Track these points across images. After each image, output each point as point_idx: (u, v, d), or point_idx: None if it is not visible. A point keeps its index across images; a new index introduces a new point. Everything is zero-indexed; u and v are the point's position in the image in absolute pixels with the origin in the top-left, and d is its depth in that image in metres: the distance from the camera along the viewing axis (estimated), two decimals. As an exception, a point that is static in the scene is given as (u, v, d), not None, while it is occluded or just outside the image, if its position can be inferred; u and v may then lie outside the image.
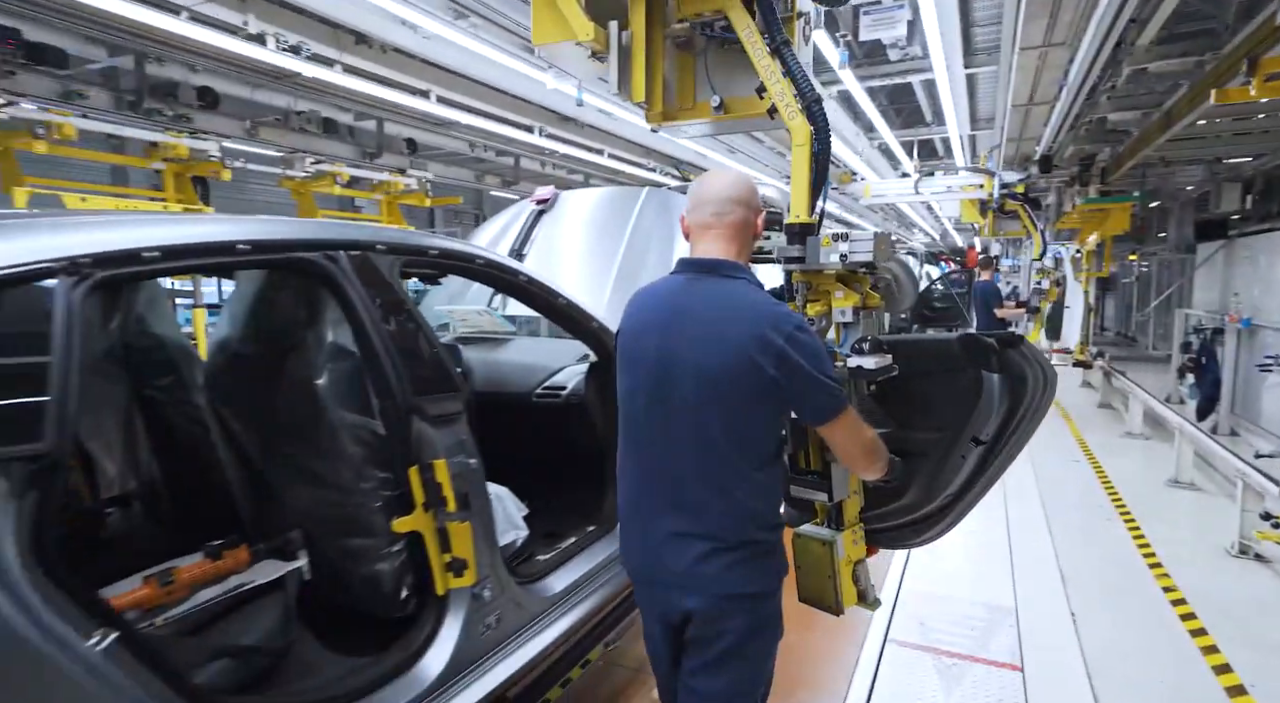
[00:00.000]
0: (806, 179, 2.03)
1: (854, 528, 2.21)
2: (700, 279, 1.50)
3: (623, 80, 2.26)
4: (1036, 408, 2.35)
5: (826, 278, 2.08)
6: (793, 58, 2.05)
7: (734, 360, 1.40)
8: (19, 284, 1.13)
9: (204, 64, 6.05)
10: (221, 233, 1.48)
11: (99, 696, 1.06)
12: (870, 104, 7.82)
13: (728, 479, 1.45)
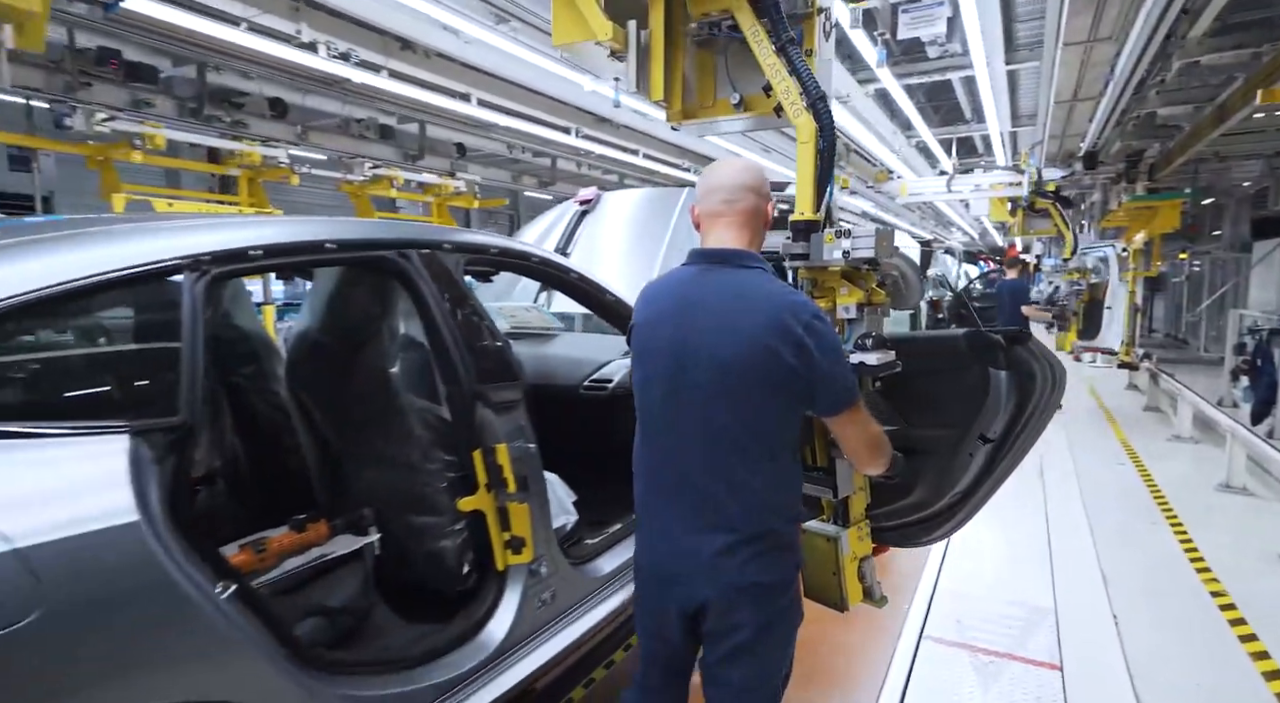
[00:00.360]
0: (812, 176, 2.04)
1: (860, 525, 2.21)
2: (712, 270, 1.48)
3: (641, 79, 2.26)
4: (1045, 406, 2.33)
5: (831, 274, 2.08)
6: (798, 55, 2.04)
7: (749, 350, 1.37)
8: (154, 279, 1.29)
9: (258, 72, 6.31)
10: (312, 233, 1.62)
11: (228, 635, 1.21)
12: (908, 102, 7.75)
13: (742, 471, 1.43)
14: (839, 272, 2.06)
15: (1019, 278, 8.12)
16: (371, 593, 1.90)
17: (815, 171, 2.05)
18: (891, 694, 2.67)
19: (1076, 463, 5.64)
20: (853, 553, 2.16)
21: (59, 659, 1.01)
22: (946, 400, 2.38)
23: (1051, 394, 2.31)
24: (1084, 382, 9.93)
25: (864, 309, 2.07)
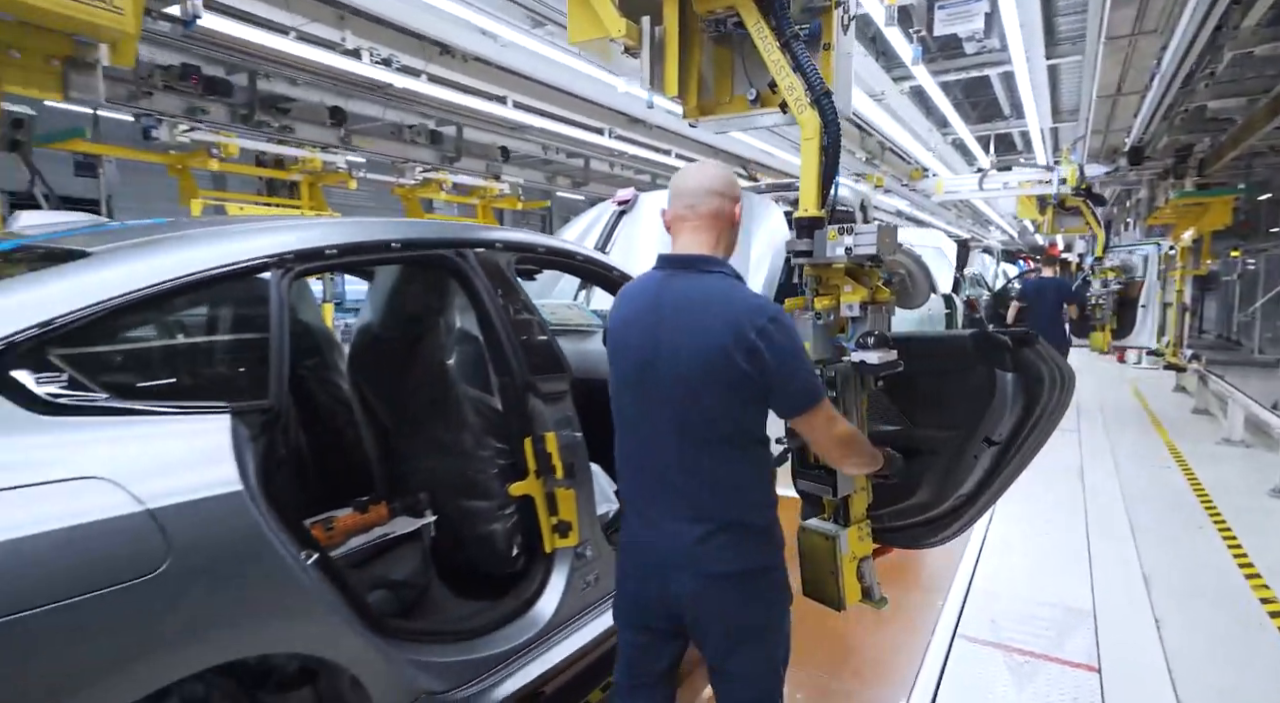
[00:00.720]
0: (816, 172, 2.03)
1: (860, 525, 2.19)
2: (677, 275, 1.50)
3: (655, 75, 2.25)
4: (1053, 409, 2.31)
5: (835, 272, 2.06)
6: (801, 51, 2.02)
7: (705, 354, 1.40)
8: (247, 275, 1.43)
9: (305, 78, 6.54)
10: (379, 233, 1.74)
11: (312, 597, 1.34)
12: (944, 99, 7.65)
13: (711, 464, 1.46)
14: (843, 269, 2.04)
15: (1058, 276, 7.95)
16: (430, 570, 2.02)
17: (819, 168, 2.04)
18: (924, 691, 2.68)
19: (1119, 466, 5.51)
20: (852, 553, 2.14)
21: (183, 605, 1.15)
22: (951, 401, 2.36)
23: (1060, 398, 2.28)
24: (1128, 383, 9.65)
25: (868, 307, 2.05)
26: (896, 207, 14.48)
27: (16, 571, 0.98)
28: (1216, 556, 3.93)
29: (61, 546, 1.03)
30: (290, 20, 5.17)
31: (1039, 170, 8.08)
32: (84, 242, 1.41)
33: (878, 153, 9.46)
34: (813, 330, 2.02)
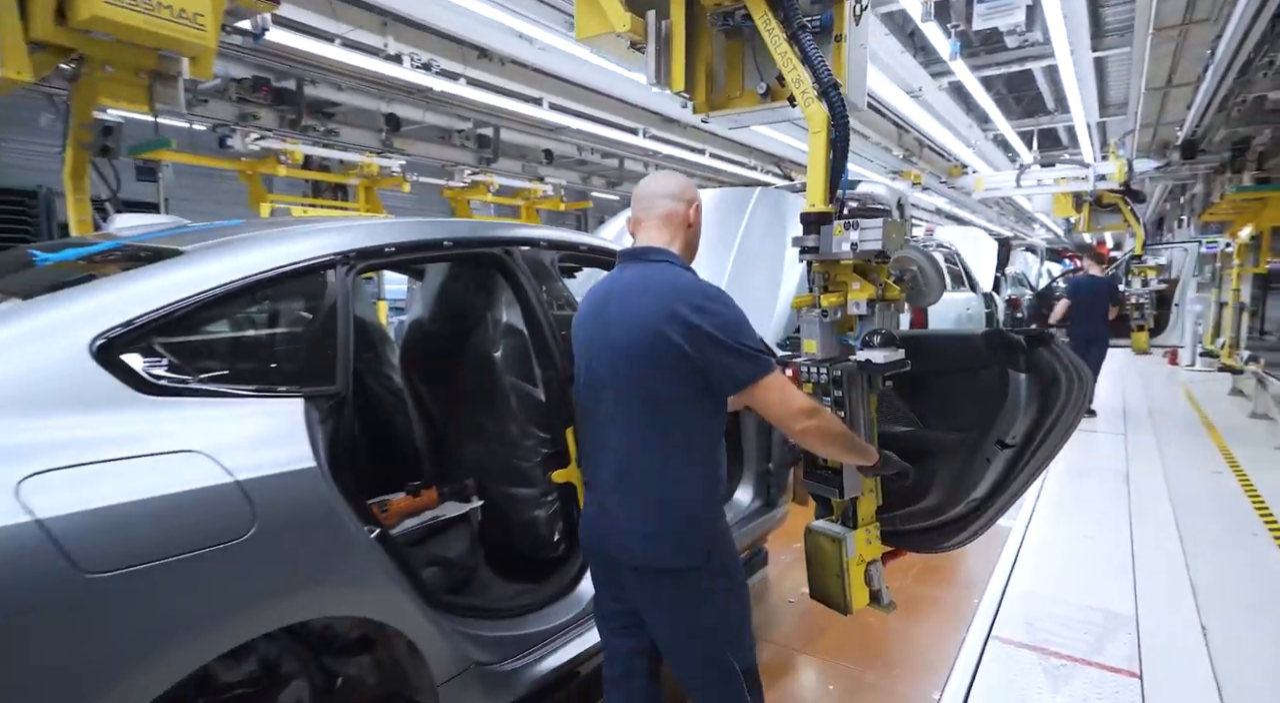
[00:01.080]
0: (824, 167, 1.99)
1: (868, 527, 2.14)
2: (628, 266, 1.56)
3: (661, 70, 2.22)
4: (1070, 411, 2.24)
5: (843, 268, 2.02)
6: (809, 43, 1.98)
7: (641, 336, 1.42)
8: (316, 271, 1.56)
9: (349, 83, 6.75)
10: (432, 233, 1.86)
11: (375, 567, 1.44)
12: (984, 94, 7.49)
13: (654, 454, 1.46)
14: (850, 265, 2.01)
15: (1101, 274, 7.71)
16: (478, 552, 2.13)
17: (827, 162, 1.99)
18: (957, 688, 2.66)
19: (1168, 470, 5.34)
20: (859, 556, 2.10)
21: (266, 568, 1.27)
22: (963, 403, 2.31)
23: (1077, 399, 2.22)
24: (1180, 386, 9.30)
25: (875, 305, 1.99)
26: (935, 204, 14.20)
27: (129, 530, 1.11)
28: (1271, 565, 3.79)
29: (167, 510, 1.15)
30: (336, 28, 5.35)
31: (1075, 166, 7.81)
32: (176, 242, 1.55)
33: (915, 150, 9.31)
34: (819, 329, 1.98)
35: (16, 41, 2.38)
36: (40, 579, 1.01)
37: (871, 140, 8.47)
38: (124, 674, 1.10)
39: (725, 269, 3.50)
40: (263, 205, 6.68)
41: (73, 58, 2.59)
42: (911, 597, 3.42)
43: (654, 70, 2.21)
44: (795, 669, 2.85)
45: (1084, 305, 6.99)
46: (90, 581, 1.05)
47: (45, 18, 2.41)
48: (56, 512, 1.04)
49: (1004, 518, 4.41)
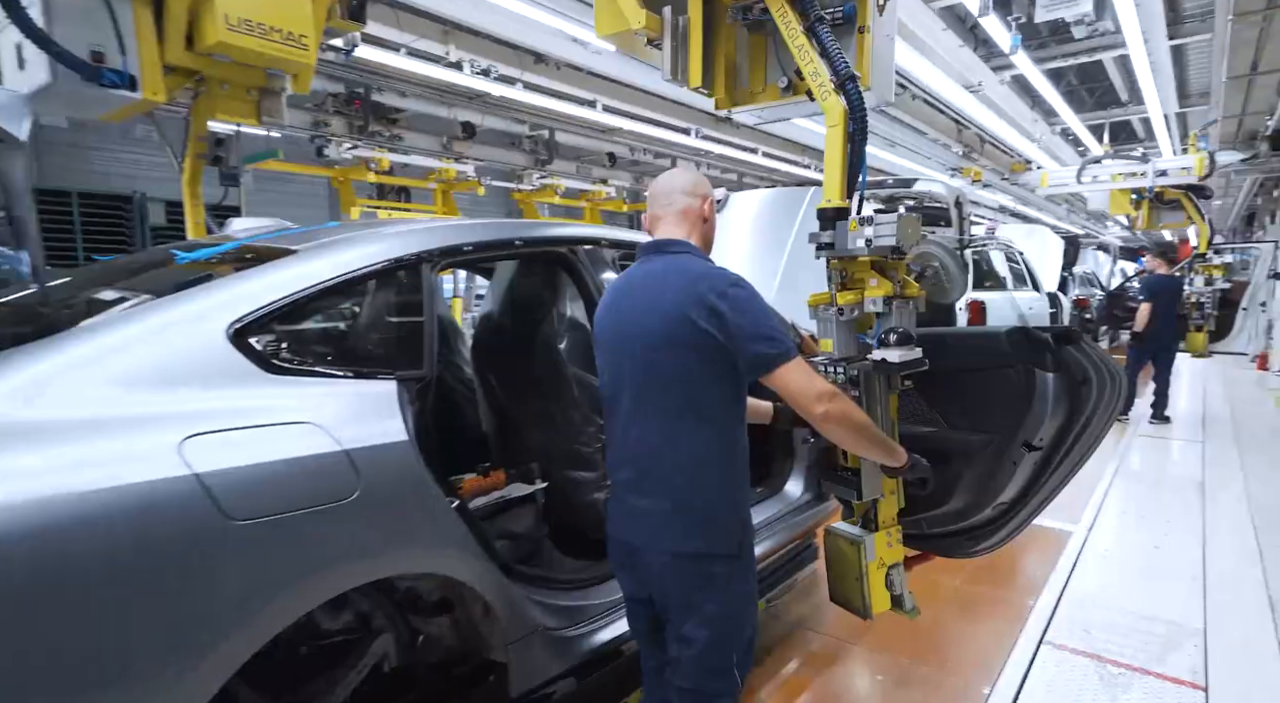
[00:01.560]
0: (841, 161, 1.94)
1: (889, 530, 2.08)
2: (650, 259, 1.60)
3: (678, 66, 2.20)
4: (1102, 412, 2.15)
5: (861, 265, 1.96)
6: (827, 35, 1.94)
7: (665, 323, 1.45)
8: (406, 268, 1.73)
9: (411, 90, 7.05)
10: (505, 233, 2.02)
11: (456, 533, 1.60)
12: (1049, 87, 7.21)
13: (683, 440, 1.49)
14: (868, 262, 1.95)
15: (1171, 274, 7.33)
16: (543, 529, 2.27)
17: (844, 156, 1.94)
18: (1007, 688, 2.63)
19: (1248, 481, 5.04)
20: (880, 559, 2.05)
21: (368, 526, 1.43)
22: (987, 403, 2.24)
23: (1108, 400, 2.12)
24: (1269, 394, 8.72)
25: (893, 302, 1.94)
26: (999, 202, 13.71)
27: (263, 487, 1.29)
28: (1360, 582, 3.55)
29: (292, 472, 1.33)
30: (401, 38, 5.61)
31: (1132, 161, 7.40)
32: (287, 242, 1.75)
33: (976, 146, 9.03)
34: (835, 327, 1.93)
35: (154, 66, 2.67)
36: (198, 522, 1.20)
37: (929, 137, 8.28)
38: (259, 609, 1.27)
39: (778, 269, 3.52)
40: (352, 210, 7.25)
41: (196, 79, 2.88)
42: (964, 595, 3.39)
43: (670, 66, 2.20)
44: (843, 659, 2.87)
45: (1159, 306, 6.64)
46: (235, 526, 1.23)
47: (177, 44, 2.70)
48: (209, 468, 1.22)
49: (1062, 522, 4.34)
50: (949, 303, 2.31)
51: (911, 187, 5.86)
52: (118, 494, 1.12)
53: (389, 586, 1.68)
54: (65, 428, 1.15)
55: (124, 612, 1.11)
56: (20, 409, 1.14)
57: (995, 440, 2.24)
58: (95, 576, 1.08)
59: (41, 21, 2.42)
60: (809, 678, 2.75)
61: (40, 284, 1.32)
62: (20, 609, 1.01)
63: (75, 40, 2.46)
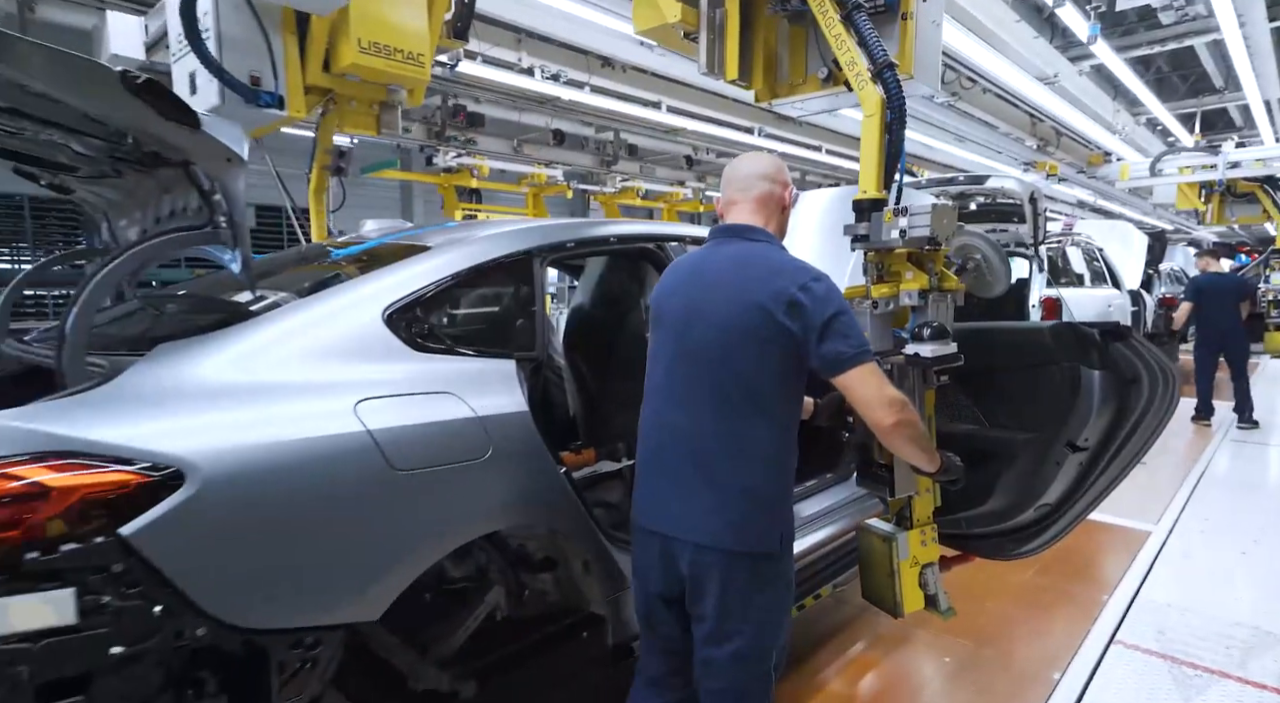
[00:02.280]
0: (878, 151, 1.90)
1: (924, 528, 2.03)
2: (725, 243, 1.56)
3: (715, 59, 2.22)
4: (1154, 412, 2.06)
5: (897, 257, 1.91)
6: (864, 22, 1.91)
7: (744, 311, 1.43)
8: (520, 261, 1.93)
9: (485, 96, 7.38)
10: (601, 231, 2.24)
11: (569, 496, 1.79)
12: (1132, 76, 6.88)
13: (738, 432, 1.45)
14: (904, 254, 1.90)
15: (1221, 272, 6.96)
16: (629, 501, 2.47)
17: (881, 147, 1.90)
18: (1074, 681, 2.62)
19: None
20: (913, 557, 2.01)
21: (497, 482, 1.63)
22: (1030, 401, 2.17)
23: (1161, 399, 2.03)
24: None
25: (929, 296, 1.88)
26: (1077, 196, 13.10)
27: (418, 443, 1.50)
28: None
29: (439, 432, 1.55)
30: (477, 46, 5.90)
31: (1201, 154, 6.96)
32: (420, 239, 1.99)
33: (1052, 139, 8.69)
34: (870, 321, 1.89)
35: (297, 88, 3.01)
36: (367, 473, 1.42)
37: (1000, 131, 8.04)
38: (414, 546, 1.49)
39: (848, 262, 3.56)
40: (456, 213, 7.85)
41: (327, 97, 3.21)
42: (1035, 588, 3.40)
43: (706, 59, 2.21)
44: (911, 642, 2.93)
45: (1212, 305, 6.40)
46: (398, 474, 1.45)
47: (316, 66, 3.04)
48: (377, 426, 1.44)
49: (1140, 522, 4.23)
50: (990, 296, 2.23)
51: (984, 184, 5.73)
52: (316, 443, 1.37)
53: (502, 542, 1.88)
54: (272, 389, 1.41)
55: (326, 531, 1.37)
56: (240, 375, 1.40)
57: (1037, 440, 2.18)
58: (302, 504, 1.33)
59: (214, 52, 2.77)
60: (877, 658, 2.82)
61: (248, 278, 1.57)
62: (250, 524, 1.27)
63: (238, 67, 2.79)
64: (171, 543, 1.17)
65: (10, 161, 1.81)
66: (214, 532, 1.23)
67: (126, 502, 1.14)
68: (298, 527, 1.33)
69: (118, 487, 1.14)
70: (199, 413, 1.31)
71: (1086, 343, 2.08)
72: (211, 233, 1.51)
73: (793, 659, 2.72)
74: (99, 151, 1.65)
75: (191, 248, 1.57)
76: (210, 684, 1.27)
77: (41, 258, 6.82)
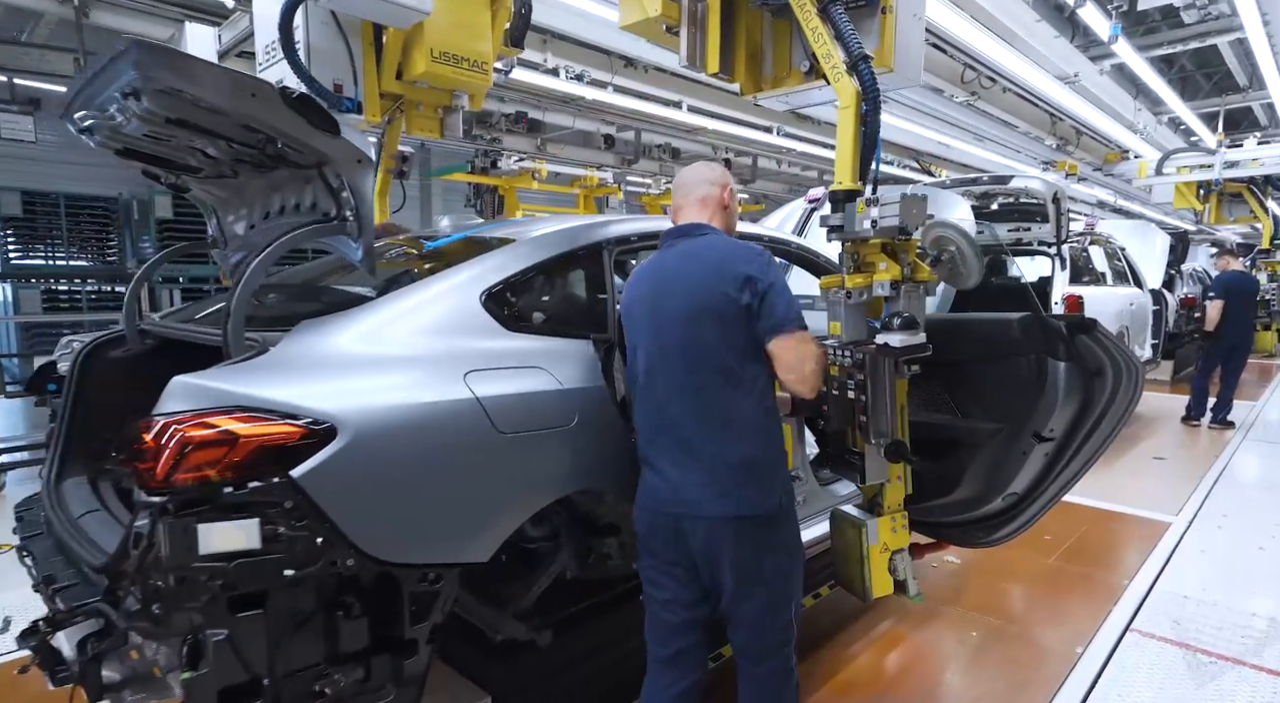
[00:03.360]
0: (853, 143, 1.94)
1: (894, 515, 2.10)
2: (676, 243, 1.73)
3: (696, 53, 2.25)
4: (1119, 403, 2.11)
5: (871, 248, 1.95)
6: (840, 15, 1.96)
7: (706, 298, 1.58)
8: (593, 252, 2.13)
9: (510, 96, 7.51)
10: (660, 225, 2.33)
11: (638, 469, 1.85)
12: (1153, 75, 6.87)
13: (721, 411, 1.59)
14: (879, 244, 1.95)
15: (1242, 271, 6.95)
16: None
17: (856, 138, 1.94)
18: (1092, 657, 2.73)
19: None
20: (882, 543, 2.07)
21: (581, 446, 1.82)
22: (997, 391, 2.24)
23: (1125, 391, 2.09)
24: None
25: (901, 287, 1.93)
26: (1098, 197, 13.01)
27: (517, 410, 1.71)
28: None
29: (533, 401, 1.76)
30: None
31: (1199, 153, 6.94)
32: (502, 233, 2.18)
33: (1072, 138, 8.67)
34: (844, 311, 1.94)
35: (373, 94, 3.19)
36: (478, 434, 1.63)
37: (1019, 129, 8.03)
38: (514, 499, 1.71)
39: None
40: (518, 214, 8.22)
41: (398, 102, 3.38)
42: (1057, 573, 3.53)
43: (687, 52, 2.26)
44: (939, 617, 3.06)
45: (1236, 305, 6.51)
46: (503, 436, 1.66)
47: (390, 74, 3.22)
48: (483, 394, 1.65)
49: (1159, 514, 4.29)
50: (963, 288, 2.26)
51: (1008, 184, 5.78)
52: (436, 407, 1.58)
53: (573, 506, 2.04)
54: (395, 360, 1.63)
55: (446, 482, 1.59)
56: (368, 347, 1.63)
57: (1004, 430, 2.25)
58: (426, 458, 1.56)
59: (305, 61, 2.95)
60: (904, 632, 2.94)
61: (370, 265, 1.73)
62: (386, 473, 1.48)
63: (323, 76, 2.96)
64: (329, 485, 1.39)
65: (141, 163, 2.01)
66: (360, 478, 1.44)
67: (294, 450, 1.37)
68: (423, 477, 1.54)
69: (288, 437, 1.37)
70: (342, 378, 1.53)
71: (1052, 335, 2.14)
72: (340, 225, 1.72)
73: (825, 633, 2.86)
74: (227, 155, 1.86)
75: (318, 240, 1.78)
76: (355, 608, 1.47)
77: (74, 253, 7.02)
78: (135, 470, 1.34)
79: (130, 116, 1.60)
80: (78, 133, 1.83)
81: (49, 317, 6.72)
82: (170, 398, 1.39)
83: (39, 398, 2.32)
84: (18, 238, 6.66)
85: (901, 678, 2.62)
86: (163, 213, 6.66)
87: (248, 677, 1.36)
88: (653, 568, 1.74)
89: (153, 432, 1.32)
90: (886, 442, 1.95)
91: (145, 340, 2.23)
